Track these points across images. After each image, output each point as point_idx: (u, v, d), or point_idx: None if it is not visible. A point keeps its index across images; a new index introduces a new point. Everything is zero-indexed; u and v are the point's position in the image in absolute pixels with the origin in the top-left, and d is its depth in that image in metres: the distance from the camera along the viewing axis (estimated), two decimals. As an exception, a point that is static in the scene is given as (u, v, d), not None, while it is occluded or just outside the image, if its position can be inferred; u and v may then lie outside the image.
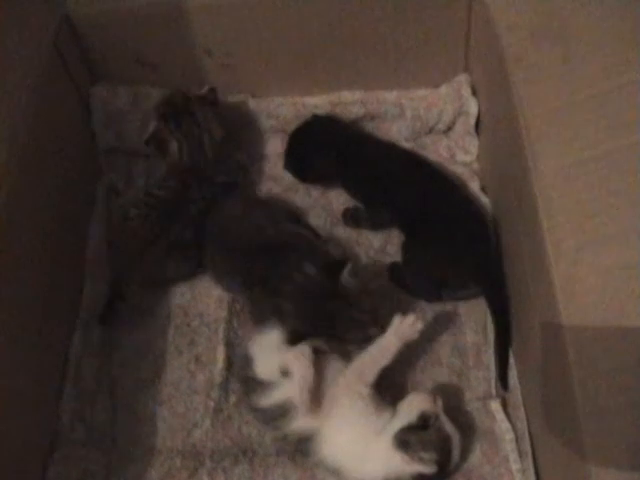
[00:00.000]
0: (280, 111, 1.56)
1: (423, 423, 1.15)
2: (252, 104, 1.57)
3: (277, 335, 1.20)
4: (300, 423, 1.17)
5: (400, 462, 1.12)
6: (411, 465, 1.12)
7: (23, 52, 1.31)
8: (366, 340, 1.20)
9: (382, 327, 1.19)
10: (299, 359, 1.16)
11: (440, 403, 1.16)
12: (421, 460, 1.12)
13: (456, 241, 1.33)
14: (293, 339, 1.19)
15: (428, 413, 1.15)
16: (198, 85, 1.51)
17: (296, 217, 1.45)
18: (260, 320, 1.28)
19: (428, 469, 1.11)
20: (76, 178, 1.46)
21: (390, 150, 1.48)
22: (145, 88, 1.54)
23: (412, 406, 1.17)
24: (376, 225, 1.45)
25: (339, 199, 1.50)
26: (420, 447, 1.12)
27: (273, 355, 1.19)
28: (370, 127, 1.57)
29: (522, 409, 1.24)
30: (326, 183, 1.52)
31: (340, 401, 1.17)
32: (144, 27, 1.44)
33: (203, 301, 1.41)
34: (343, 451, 1.17)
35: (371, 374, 1.17)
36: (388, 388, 1.23)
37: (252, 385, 1.21)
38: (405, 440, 1.13)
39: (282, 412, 1.17)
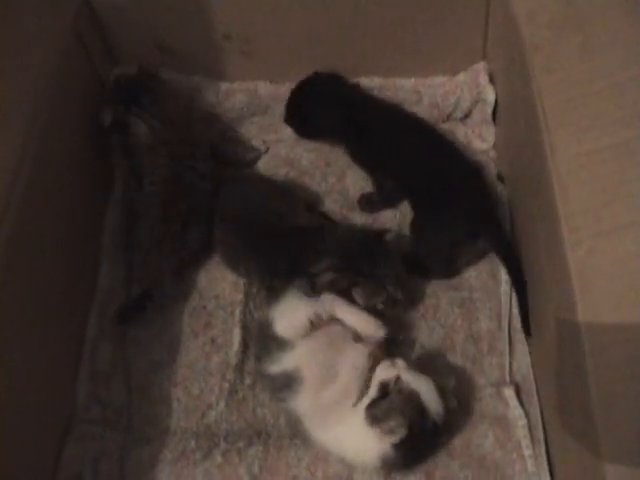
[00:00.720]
0: (298, 97, 1.56)
1: (384, 392, 1.15)
2: (270, 89, 1.57)
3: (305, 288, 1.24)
4: (302, 399, 1.18)
5: (377, 439, 1.14)
6: (384, 438, 1.13)
7: (43, 35, 1.31)
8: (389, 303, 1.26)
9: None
10: (336, 300, 1.21)
11: (401, 363, 1.17)
12: (390, 429, 1.12)
13: (460, 202, 1.34)
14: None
15: (386, 381, 1.16)
16: (218, 71, 1.53)
17: (311, 205, 1.46)
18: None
19: (398, 435, 1.11)
20: (94, 161, 1.46)
21: (393, 112, 1.48)
22: (163, 72, 1.53)
23: (375, 380, 1.18)
24: (387, 199, 1.46)
25: (355, 185, 1.50)
26: (386, 417, 1.13)
27: (301, 308, 1.21)
28: None
29: (535, 396, 1.25)
30: (327, 139, 1.53)
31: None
32: (163, 11, 1.45)
33: (219, 284, 1.41)
34: (332, 437, 1.19)
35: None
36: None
37: (268, 347, 1.22)
38: (373, 415, 1.14)
39: (289, 382, 1.19)
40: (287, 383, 1.19)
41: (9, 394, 1.10)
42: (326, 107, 1.45)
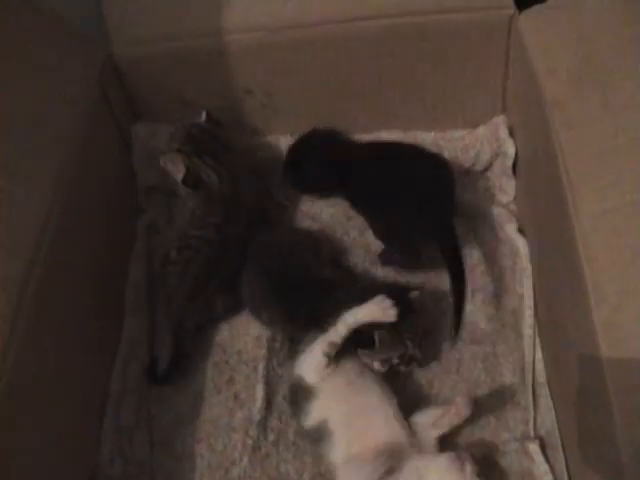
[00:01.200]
0: (318, 150, 1.58)
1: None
2: (291, 143, 1.56)
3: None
4: (336, 451, 1.19)
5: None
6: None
7: (69, 90, 1.35)
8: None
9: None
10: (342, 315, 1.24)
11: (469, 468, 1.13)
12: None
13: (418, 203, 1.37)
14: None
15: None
16: (239, 125, 1.55)
17: (335, 259, 1.47)
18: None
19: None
20: (117, 215, 1.49)
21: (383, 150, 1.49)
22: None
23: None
24: (409, 258, 1.46)
25: (377, 240, 1.50)
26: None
27: (315, 344, 1.24)
28: None
29: (561, 451, 1.24)
30: (327, 195, 1.55)
31: None
32: (185, 66, 1.48)
33: (241, 339, 1.42)
34: None
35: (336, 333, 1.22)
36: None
37: (297, 401, 1.25)
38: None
39: (321, 435, 1.20)
40: (320, 436, 1.21)
41: (34, 446, 1.11)
42: (323, 164, 1.47)
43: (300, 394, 1.24)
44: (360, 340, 1.25)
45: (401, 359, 1.28)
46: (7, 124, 1.21)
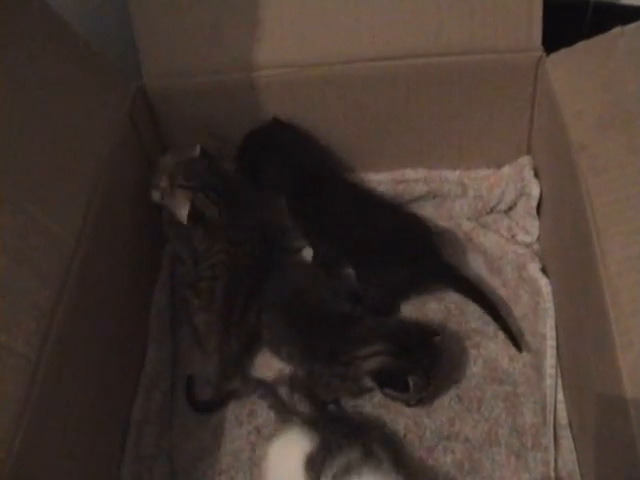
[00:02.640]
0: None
1: None
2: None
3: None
4: None
5: None
6: None
7: (100, 121, 1.37)
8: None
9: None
10: None
11: None
12: None
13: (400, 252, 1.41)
14: None
15: None
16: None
17: (355, 293, 1.48)
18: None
19: None
20: (143, 245, 1.51)
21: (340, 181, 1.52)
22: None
23: None
24: (322, 262, 1.51)
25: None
26: None
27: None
28: (432, 205, 1.59)
29: None
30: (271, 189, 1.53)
31: None
32: (215, 100, 1.49)
33: (263, 372, 1.43)
34: None
35: None
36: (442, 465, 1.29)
37: None
38: None
39: None
40: None
41: (57, 476, 1.12)
42: (271, 157, 1.47)
43: None
44: (392, 383, 1.28)
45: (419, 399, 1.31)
46: (40, 153, 1.23)
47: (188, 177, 1.40)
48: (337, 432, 1.22)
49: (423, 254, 1.42)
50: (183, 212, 1.38)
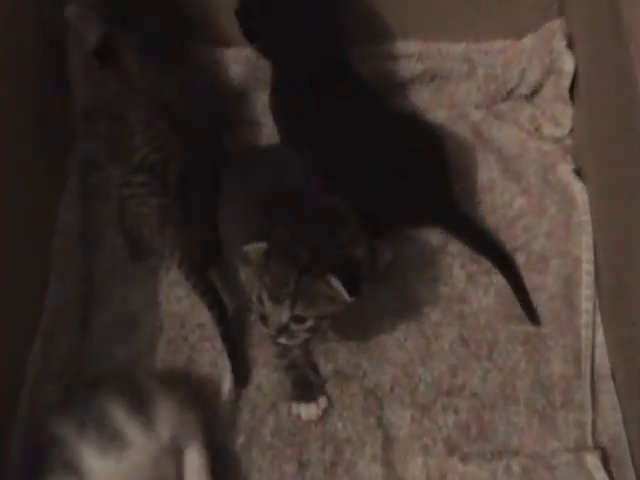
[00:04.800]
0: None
1: None
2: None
3: None
4: None
5: None
6: None
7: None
8: None
9: None
10: None
11: None
12: None
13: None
14: None
15: None
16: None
17: None
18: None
19: None
20: (44, 146, 1.35)
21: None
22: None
23: None
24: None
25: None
26: None
27: None
28: (429, 90, 1.48)
29: (630, 465, 1.14)
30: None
31: None
32: None
33: (204, 309, 1.30)
34: None
35: None
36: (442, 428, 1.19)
37: None
38: None
39: None
40: None
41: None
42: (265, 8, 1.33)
43: None
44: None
45: None
46: None
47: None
48: None
49: (433, 192, 1.33)
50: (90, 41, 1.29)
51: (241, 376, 1.24)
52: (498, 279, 1.30)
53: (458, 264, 1.32)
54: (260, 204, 1.24)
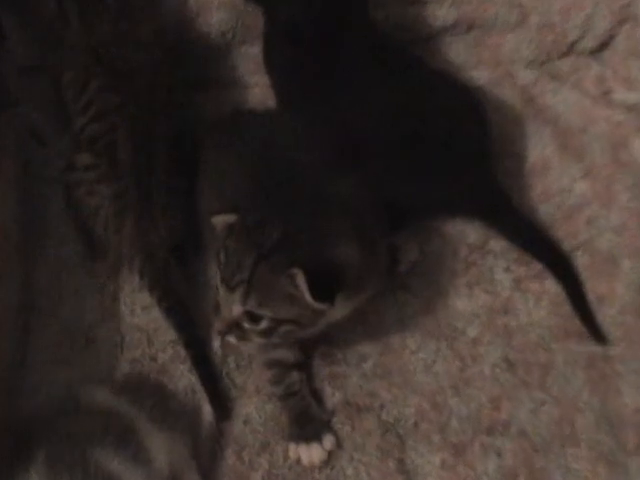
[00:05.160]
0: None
1: None
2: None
3: None
4: None
5: None
6: None
7: None
8: None
9: None
10: None
11: None
12: None
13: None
14: None
15: None
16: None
17: None
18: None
19: None
20: None
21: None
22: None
23: None
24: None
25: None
26: None
27: None
28: (465, 43, 1.33)
29: None
30: None
31: None
32: None
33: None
34: None
35: None
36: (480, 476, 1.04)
37: None
38: None
39: None
40: None
41: None
42: None
43: None
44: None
45: None
46: None
47: None
48: None
49: (470, 173, 1.16)
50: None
51: (221, 408, 1.08)
52: (552, 286, 1.15)
53: (501, 266, 1.16)
54: (248, 177, 1.11)
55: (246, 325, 0.94)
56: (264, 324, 0.94)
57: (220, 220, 0.98)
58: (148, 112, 1.17)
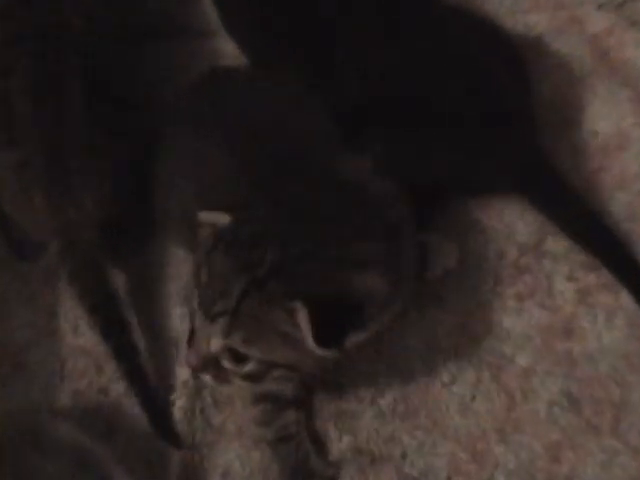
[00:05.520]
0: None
1: None
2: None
3: None
4: None
5: None
6: None
7: None
8: None
9: None
10: None
11: None
12: None
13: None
14: None
15: None
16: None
17: None
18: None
19: None
20: None
21: None
22: None
23: None
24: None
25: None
26: None
27: None
28: None
29: None
30: None
31: None
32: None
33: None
34: None
35: None
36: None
37: None
38: None
39: None
40: None
41: None
42: None
43: None
44: None
45: None
46: None
47: None
48: None
49: (515, 141, 0.99)
50: None
51: (169, 432, 0.90)
52: (629, 300, 0.95)
53: (563, 273, 0.97)
54: (234, 161, 0.92)
55: (227, 364, 0.78)
56: (250, 366, 0.77)
57: (209, 219, 0.82)
58: (57, 45, 0.98)
